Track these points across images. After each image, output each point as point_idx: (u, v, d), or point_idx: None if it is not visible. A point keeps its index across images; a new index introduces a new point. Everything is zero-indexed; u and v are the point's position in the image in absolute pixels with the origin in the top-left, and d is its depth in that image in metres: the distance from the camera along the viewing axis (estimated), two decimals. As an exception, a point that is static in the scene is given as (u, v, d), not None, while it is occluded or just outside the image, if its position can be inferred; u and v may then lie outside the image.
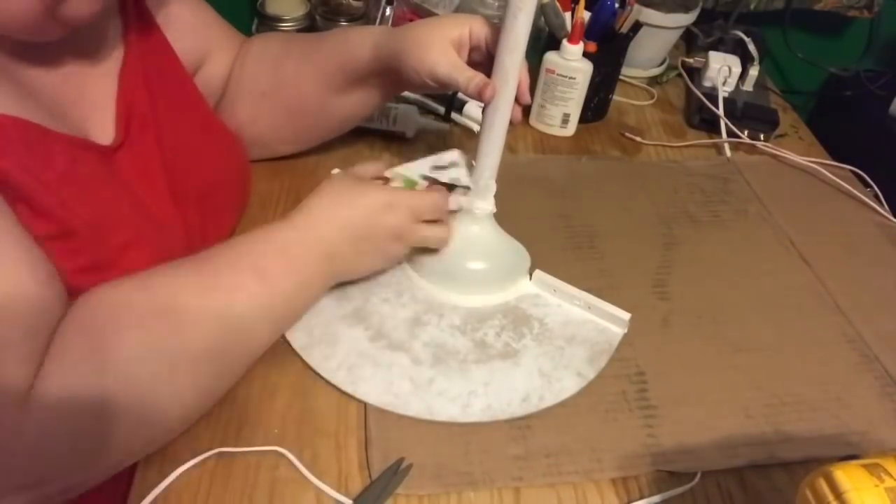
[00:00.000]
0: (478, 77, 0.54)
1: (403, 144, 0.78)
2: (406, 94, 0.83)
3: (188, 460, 0.47)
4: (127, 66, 0.53)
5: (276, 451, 0.49)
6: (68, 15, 0.42)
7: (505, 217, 0.61)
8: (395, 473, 0.48)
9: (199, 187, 0.57)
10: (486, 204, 0.59)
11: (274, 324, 0.51)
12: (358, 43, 0.60)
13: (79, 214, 0.44)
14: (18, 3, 0.40)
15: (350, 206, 0.53)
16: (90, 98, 0.50)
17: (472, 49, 0.57)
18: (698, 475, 0.50)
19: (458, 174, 0.61)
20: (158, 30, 0.57)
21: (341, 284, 0.60)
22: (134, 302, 0.44)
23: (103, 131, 0.50)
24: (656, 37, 0.91)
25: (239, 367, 0.49)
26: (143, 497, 0.45)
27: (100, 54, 0.52)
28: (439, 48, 0.54)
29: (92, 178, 0.46)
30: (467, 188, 0.60)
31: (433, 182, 0.60)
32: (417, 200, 0.55)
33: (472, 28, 0.55)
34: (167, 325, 0.44)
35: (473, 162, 0.59)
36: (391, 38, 0.57)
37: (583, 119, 0.83)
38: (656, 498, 0.49)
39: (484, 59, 0.56)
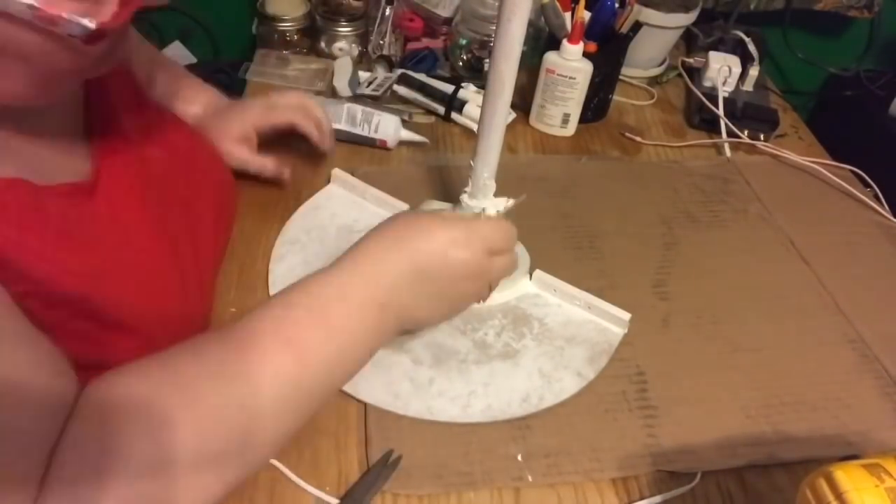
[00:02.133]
0: (268, 163, 0.66)
1: (384, 153, 0.77)
2: (405, 93, 0.83)
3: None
4: (90, 95, 0.50)
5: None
6: (59, 90, 0.41)
7: (505, 217, 0.61)
8: (385, 466, 0.48)
9: (174, 197, 0.54)
10: (485, 203, 0.59)
11: (309, 399, 0.43)
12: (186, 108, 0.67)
13: (73, 271, 0.41)
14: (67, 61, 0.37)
15: (410, 245, 0.46)
16: (64, 142, 0.46)
17: (260, 134, 0.66)
18: (698, 475, 0.50)
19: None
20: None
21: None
22: (142, 398, 0.38)
23: (81, 168, 0.47)
24: (656, 37, 0.91)
25: (261, 457, 0.42)
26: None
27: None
28: (232, 154, 0.65)
29: (82, 226, 0.43)
30: None
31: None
32: (490, 231, 0.49)
33: (254, 123, 0.66)
34: (176, 427, 0.37)
35: (472, 162, 0.59)
36: (201, 127, 0.66)
37: (583, 119, 0.83)
38: (657, 498, 0.49)
39: (276, 136, 0.67)
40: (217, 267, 0.61)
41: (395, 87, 0.84)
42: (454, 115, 0.82)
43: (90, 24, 0.35)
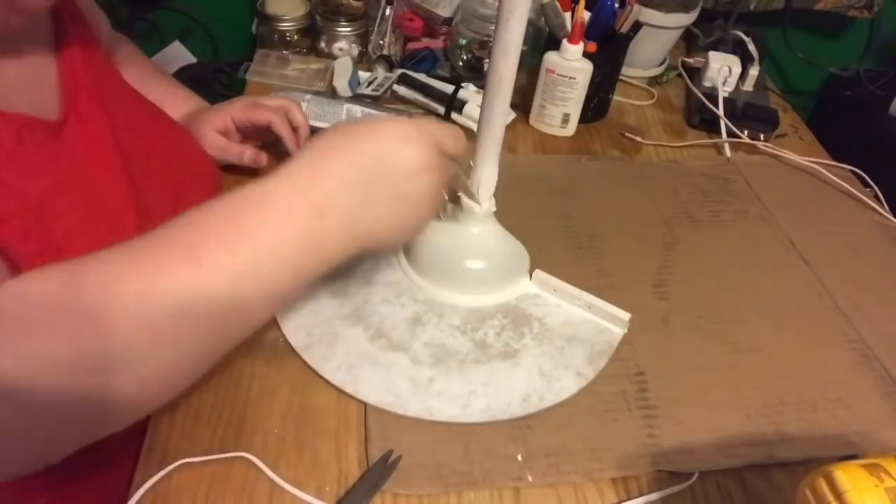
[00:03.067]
0: (246, 150, 0.68)
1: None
2: (405, 93, 0.83)
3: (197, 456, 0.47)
4: (64, 45, 0.51)
5: (278, 449, 0.49)
6: (27, 4, 0.41)
7: (505, 217, 0.61)
8: (385, 466, 0.48)
9: (154, 165, 0.55)
10: (485, 203, 0.59)
11: (208, 318, 0.38)
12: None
13: (25, 193, 0.42)
14: None
15: (356, 145, 0.42)
16: (32, 79, 0.48)
17: (240, 126, 0.68)
18: (696, 473, 0.50)
19: None
20: (88, 24, 0.56)
21: (341, 284, 0.60)
22: (47, 298, 0.35)
23: (51, 109, 0.48)
24: (656, 37, 0.91)
25: (138, 374, 0.36)
26: (140, 497, 0.45)
27: (36, 36, 0.50)
28: (208, 141, 0.67)
29: (38, 156, 0.44)
30: None
31: None
32: (440, 129, 0.45)
33: (233, 115, 0.67)
34: (81, 327, 0.35)
35: (472, 162, 0.59)
36: (186, 124, 0.68)
37: (583, 119, 0.83)
38: (655, 495, 0.49)
39: (256, 131, 0.69)
40: None
41: (395, 87, 0.84)
42: (454, 115, 0.82)
43: None
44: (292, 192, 0.40)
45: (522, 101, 0.84)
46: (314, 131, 0.76)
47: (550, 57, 0.78)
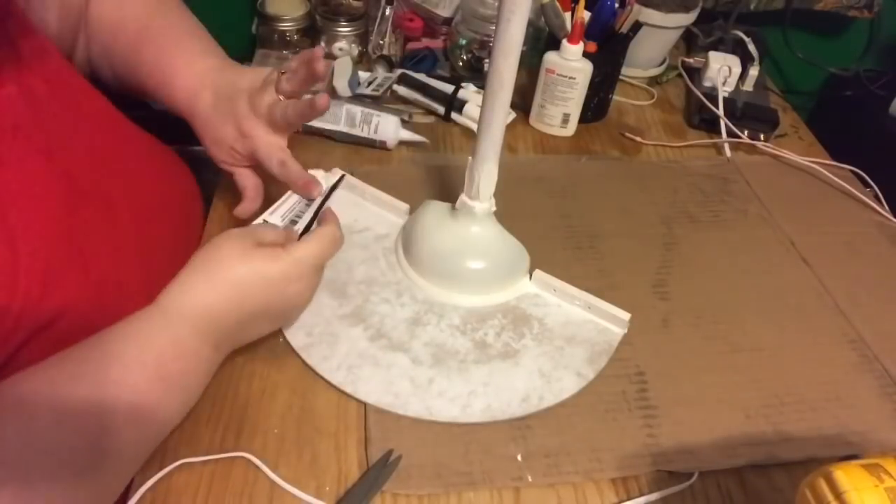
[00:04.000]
0: (248, 186, 0.61)
1: (384, 153, 0.77)
2: (405, 93, 0.83)
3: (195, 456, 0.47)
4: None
5: (278, 449, 0.49)
6: None
7: (505, 217, 0.61)
8: (385, 466, 0.48)
9: (117, 196, 0.52)
10: (485, 203, 0.59)
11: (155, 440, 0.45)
12: (174, 93, 0.60)
13: None
14: None
15: (233, 294, 0.46)
16: None
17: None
18: (696, 474, 0.50)
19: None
20: (32, 30, 0.50)
21: (341, 284, 0.60)
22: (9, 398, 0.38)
23: None
24: (656, 37, 0.91)
25: (113, 476, 0.42)
26: (140, 497, 0.45)
27: None
28: (215, 155, 0.60)
29: None
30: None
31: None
32: (319, 251, 0.50)
33: (237, 149, 0.59)
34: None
35: (471, 158, 0.59)
36: (194, 111, 0.59)
37: (583, 119, 0.83)
38: (655, 495, 0.49)
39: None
40: (145, 275, 0.54)
41: (395, 87, 0.84)
42: (454, 115, 0.82)
43: None
44: (193, 334, 0.46)
45: (522, 101, 0.84)
46: (316, 132, 0.76)
47: (550, 57, 0.78)
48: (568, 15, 0.80)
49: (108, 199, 0.52)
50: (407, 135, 0.77)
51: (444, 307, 0.59)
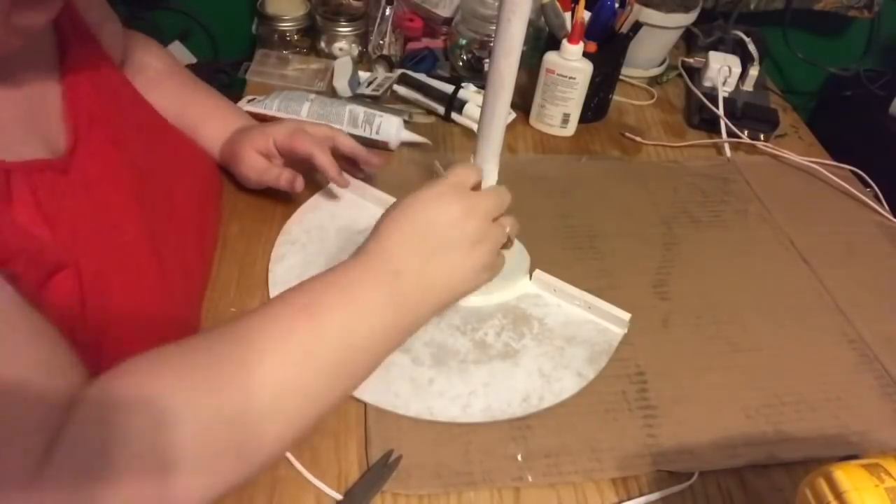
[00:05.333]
0: (284, 173, 0.65)
1: (385, 154, 0.77)
2: (405, 93, 0.83)
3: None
4: (69, 67, 0.49)
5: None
6: (25, 24, 0.39)
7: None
8: (385, 466, 0.48)
9: (166, 187, 0.55)
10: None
11: (326, 374, 0.43)
12: (209, 143, 0.69)
13: (41, 240, 0.40)
14: None
15: (417, 219, 0.49)
16: (37, 111, 0.46)
17: (282, 151, 0.66)
18: (696, 473, 0.50)
19: None
20: (94, 38, 0.54)
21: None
22: (143, 397, 0.38)
23: (58, 140, 0.46)
24: (656, 37, 0.91)
25: (270, 448, 0.40)
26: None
27: (37, 61, 0.47)
28: (248, 162, 0.66)
29: (51, 201, 0.42)
30: None
31: None
32: (490, 201, 0.51)
33: (275, 138, 0.65)
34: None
35: (472, 157, 0.59)
36: (224, 148, 0.69)
37: (583, 119, 0.83)
38: (655, 495, 0.49)
39: (293, 158, 0.66)
40: (204, 265, 0.61)
41: (395, 87, 0.84)
42: (454, 115, 0.82)
43: None
44: (375, 262, 0.47)
45: (522, 101, 0.84)
46: None
47: (550, 57, 0.78)
48: (568, 15, 0.80)
49: (163, 193, 0.55)
50: (409, 136, 0.77)
51: (444, 307, 0.59)
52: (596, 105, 0.85)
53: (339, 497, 0.47)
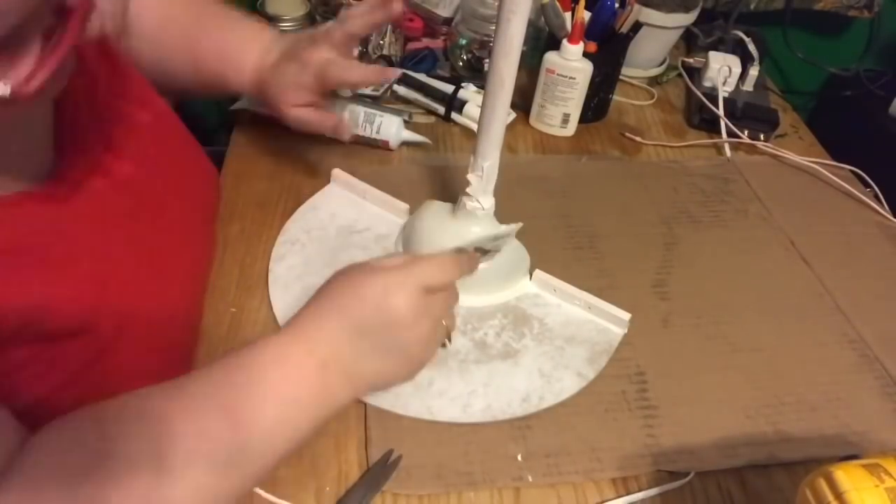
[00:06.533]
0: (327, 121, 0.63)
1: (385, 153, 0.77)
2: (405, 93, 0.83)
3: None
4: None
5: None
6: (18, 95, 0.33)
7: (505, 217, 0.61)
8: (385, 466, 0.48)
9: (162, 194, 0.53)
10: (485, 203, 0.59)
11: (250, 469, 0.41)
12: (237, 66, 0.64)
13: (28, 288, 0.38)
14: None
15: (342, 301, 0.46)
16: (24, 130, 0.42)
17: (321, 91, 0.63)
18: (692, 472, 0.51)
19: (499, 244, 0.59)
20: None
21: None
22: (80, 450, 0.37)
23: (47, 160, 0.44)
24: (656, 37, 0.91)
25: None
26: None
27: None
28: (294, 122, 0.63)
29: (41, 234, 0.40)
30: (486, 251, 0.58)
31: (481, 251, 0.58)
32: (423, 269, 0.47)
33: (308, 86, 0.62)
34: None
35: (472, 157, 0.59)
36: (265, 78, 0.63)
37: (583, 119, 0.83)
38: (653, 490, 0.49)
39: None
40: (204, 269, 0.60)
41: (395, 87, 0.84)
42: (454, 115, 0.82)
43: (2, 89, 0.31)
44: (301, 350, 0.44)
45: (522, 101, 0.84)
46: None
47: (550, 57, 0.78)
48: (568, 15, 0.80)
49: (160, 202, 0.53)
50: (409, 135, 0.77)
51: (444, 307, 0.59)
52: (596, 105, 0.85)
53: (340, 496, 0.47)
